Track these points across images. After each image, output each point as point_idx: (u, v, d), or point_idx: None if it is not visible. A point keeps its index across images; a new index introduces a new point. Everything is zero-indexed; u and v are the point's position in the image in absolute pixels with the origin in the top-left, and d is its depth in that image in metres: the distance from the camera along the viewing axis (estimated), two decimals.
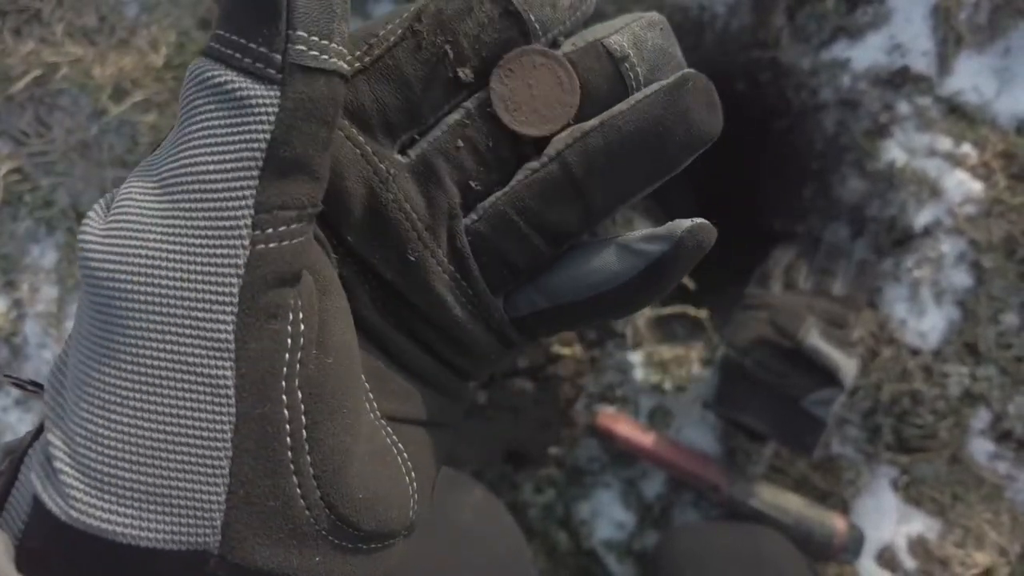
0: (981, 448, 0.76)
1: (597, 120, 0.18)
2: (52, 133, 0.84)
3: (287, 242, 0.15)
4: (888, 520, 0.76)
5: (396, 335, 0.18)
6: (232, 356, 0.14)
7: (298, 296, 0.15)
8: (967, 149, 0.76)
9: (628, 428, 0.74)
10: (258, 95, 0.14)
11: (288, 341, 0.15)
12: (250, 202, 0.14)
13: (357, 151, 0.17)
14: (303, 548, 0.15)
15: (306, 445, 0.15)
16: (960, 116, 0.77)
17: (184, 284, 0.14)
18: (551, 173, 0.18)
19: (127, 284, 0.14)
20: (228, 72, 0.15)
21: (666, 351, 0.77)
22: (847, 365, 0.67)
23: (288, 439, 0.15)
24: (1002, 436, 0.76)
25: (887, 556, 0.76)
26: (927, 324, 0.76)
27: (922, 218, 0.76)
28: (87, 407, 0.14)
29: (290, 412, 0.15)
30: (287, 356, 0.15)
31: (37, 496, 0.14)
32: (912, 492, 0.77)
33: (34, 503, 0.14)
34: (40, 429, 0.16)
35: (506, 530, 0.48)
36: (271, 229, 0.14)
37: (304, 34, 0.14)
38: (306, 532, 0.15)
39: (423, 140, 0.18)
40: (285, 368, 0.15)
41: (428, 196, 0.18)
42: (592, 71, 0.19)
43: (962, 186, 0.75)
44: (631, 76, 0.19)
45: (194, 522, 0.14)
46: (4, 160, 0.85)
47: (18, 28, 0.85)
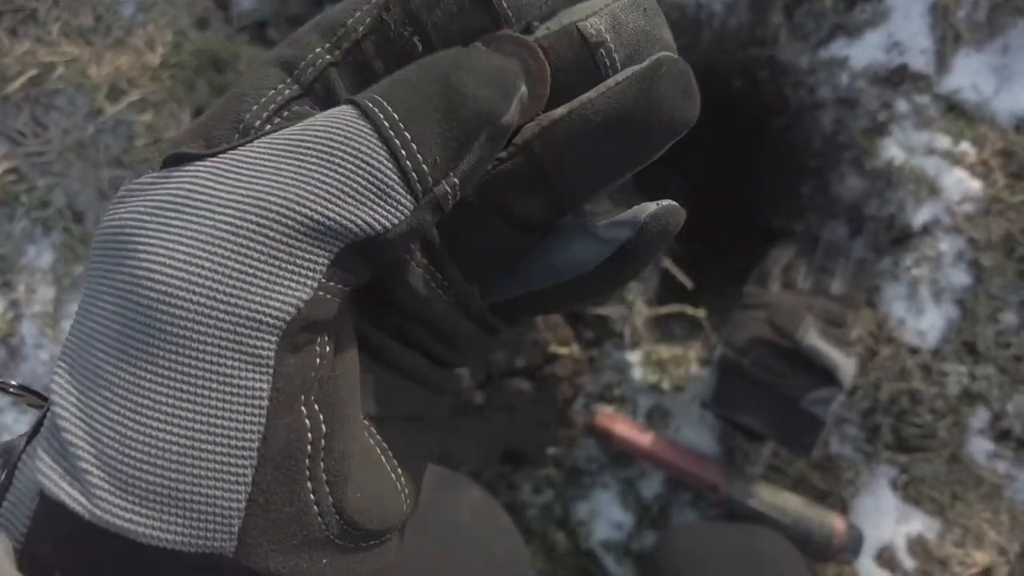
0: (980, 447, 0.76)
1: (565, 108, 0.18)
2: (48, 133, 0.84)
3: (338, 299, 0.15)
4: (887, 520, 0.76)
5: (374, 332, 0.18)
6: (271, 371, 0.14)
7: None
8: (966, 147, 0.76)
9: (626, 428, 0.74)
10: (392, 198, 0.15)
11: (318, 360, 0.15)
12: (329, 259, 0.15)
13: None
14: (312, 552, 0.16)
15: (321, 453, 0.15)
16: (959, 114, 0.77)
17: (239, 303, 0.14)
18: (518, 164, 0.18)
19: (181, 292, 0.14)
20: (379, 151, 0.15)
21: (664, 351, 0.77)
22: (846, 364, 0.67)
23: (308, 447, 0.15)
24: (1001, 435, 0.76)
25: (886, 556, 0.76)
26: (926, 323, 0.76)
27: (921, 216, 0.76)
28: (117, 408, 0.14)
29: (311, 422, 0.15)
30: (314, 372, 0.15)
31: (50, 494, 0.14)
32: (911, 491, 0.76)
33: (39, 505, 0.15)
34: (36, 429, 0.16)
35: (503, 530, 0.48)
36: (334, 284, 0.15)
37: (456, 182, 0.16)
38: (316, 537, 0.15)
39: None
40: (313, 380, 0.15)
41: None
42: (565, 58, 0.18)
43: (961, 184, 0.75)
44: (606, 64, 0.18)
45: (213, 527, 0.14)
46: (0, 160, 0.84)
47: (14, 28, 0.85)
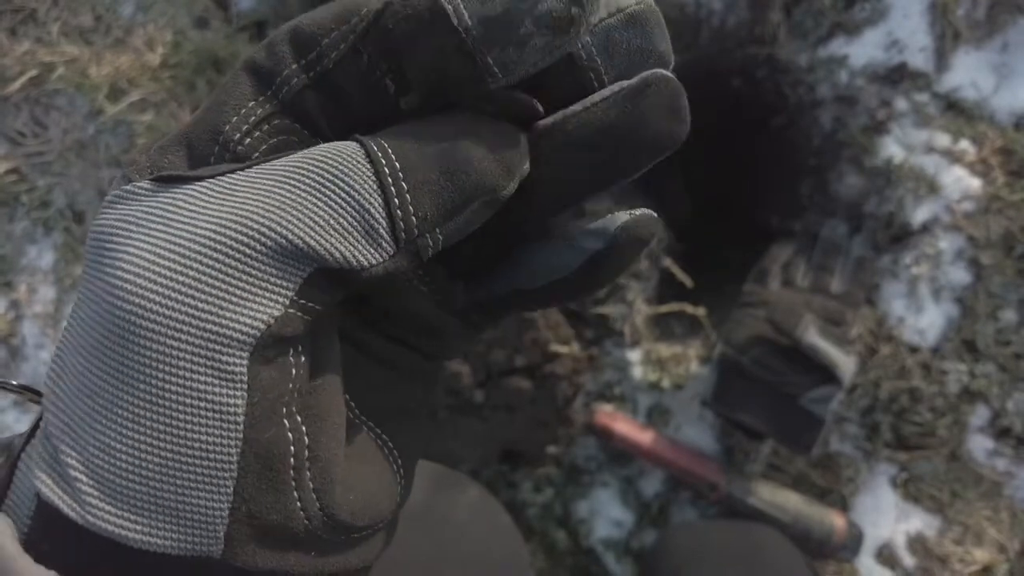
0: (980, 445, 0.76)
1: (550, 121, 0.17)
2: (48, 133, 0.84)
3: (309, 316, 0.15)
4: (887, 518, 0.76)
5: (363, 332, 0.18)
6: (245, 387, 0.15)
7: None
8: (965, 145, 0.76)
9: (626, 426, 0.74)
10: (375, 241, 0.15)
11: (293, 371, 0.15)
12: (301, 279, 0.15)
13: None
14: (300, 549, 0.16)
15: (307, 462, 0.16)
16: (958, 112, 0.77)
17: (211, 319, 0.14)
18: None
19: (155, 306, 0.14)
20: (373, 196, 0.15)
21: (664, 349, 0.77)
22: (845, 362, 0.67)
23: (292, 459, 0.15)
24: (1001, 433, 0.76)
25: (886, 554, 0.76)
26: (925, 321, 0.76)
27: (920, 215, 0.76)
28: (100, 420, 0.14)
29: (293, 434, 0.15)
30: (291, 384, 0.15)
31: (46, 499, 0.15)
32: (911, 489, 0.76)
33: (38, 505, 0.15)
34: (35, 427, 0.16)
35: (502, 529, 0.48)
36: (305, 303, 0.15)
37: (439, 240, 0.16)
38: (304, 539, 0.16)
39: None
40: (288, 395, 0.15)
41: None
42: (554, 80, 0.17)
43: (960, 182, 0.75)
44: (595, 85, 0.18)
45: (199, 532, 0.15)
46: (0, 161, 0.85)
47: (13, 28, 0.85)
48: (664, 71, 0.17)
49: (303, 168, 0.15)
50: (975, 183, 0.75)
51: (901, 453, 0.76)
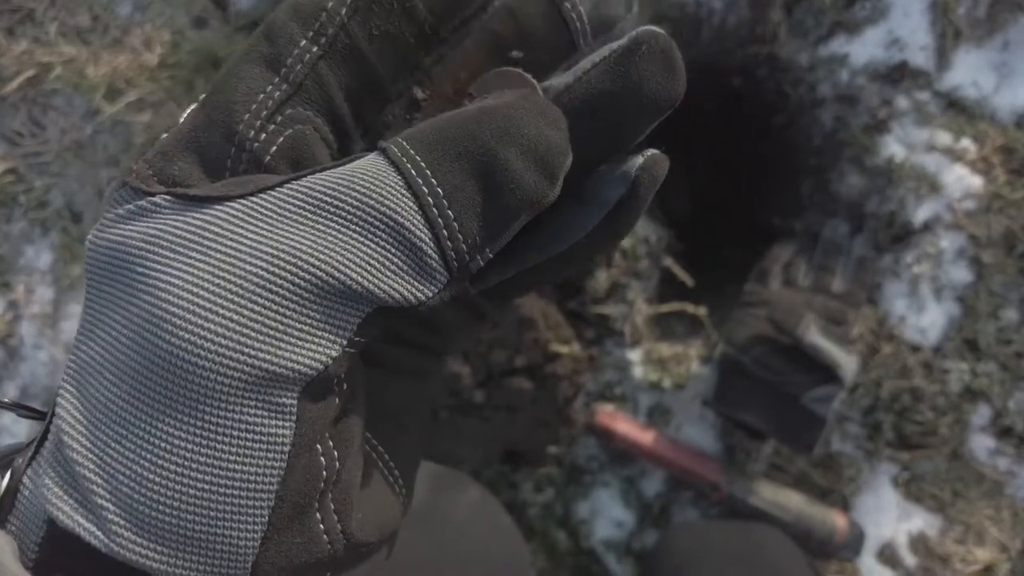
0: (981, 444, 0.76)
1: (550, 92, 0.17)
2: (46, 133, 0.84)
3: (359, 350, 0.15)
4: (888, 517, 0.76)
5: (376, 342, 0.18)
6: (294, 419, 0.14)
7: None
8: (966, 144, 0.76)
9: (627, 426, 0.74)
10: (430, 276, 0.15)
11: (336, 402, 0.15)
12: (360, 320, 0.15)
13: (328, 152, 0.17)
14: (318, 569, 0.16)
15: (332, 485, 0.16)
16: (959, 111, 0.77)
17: (268, 358, 0.14)
18: None
19: (208, 344, 0.14)
20: (422, 231, 0.15)
21: (665, 349, 0.77)
22: (847, 362, 0.67)
23: (322, 484, 0.15)
24: (1002, 432, 0.76)
25: (888, 553, 0.76)
26: (927, 320, 0.76)
27: (921, 214, 0.76)
28: (132, 447, 0.14)
29: (326, 459, 0.15)
30: (332, 413, 0.15)
31: (64, 525, 0.14)
32: (912, 489, 0.76)
33: (49, 531, 0.15)
34: (38, 445, 0.16)
35: (503, 529, 0.47)
36: (359, 340, 0.15)
37: (491, 255, 0.15)
38: (323, 560, 0.16)
39: (382, 121, 0.18)
40: (327, 424, 0.15)
41: None
42: (531, 16, 0.17)
43: (961, 181, 0.75)
44: (573, 17, 0.18)
45: (228, 563, 0.14)
46: None
47: (11, 28, 0.84)
48: (654, 28, 0.17)
49: (343, 199, 0.15)
50: (976, 182, 0.74)
51: (903, 452, 0.76)
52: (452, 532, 0.44)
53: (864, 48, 0.79)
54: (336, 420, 0.16)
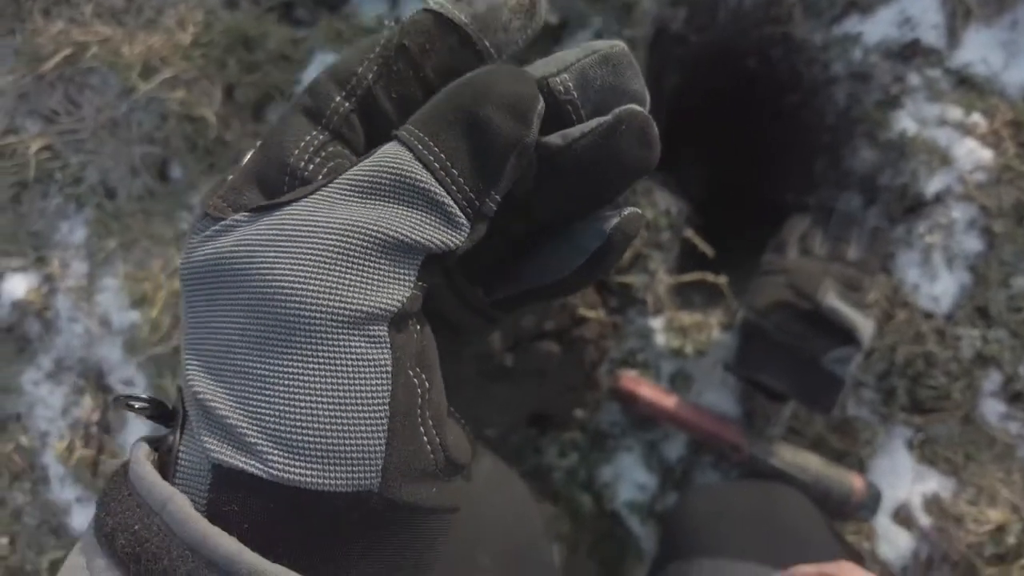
0: (993, 409, 0.79)
1: (541, 150, 0.21)
2: (82, 111, 0.86)
3: (422, 293, 0.19)
4: (903, 479, 0.78)
5: None
6: (388, 346, 0.18)
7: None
8: (976, 118, 0.78)
9: (650, 390, 0.76)
10: (457, 224, 0.19)
11: (415, 335, 0.19)
12: (418, 266, 0.19)
13: None
14: (427, 482, 0.19)
15: (428, 402, 0.19)
16: (969, 87, 0.80)
17: (361, 303, 0.18)
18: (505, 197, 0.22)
19: (313, 301, 0.18)
20: (440, 190, 0.19)
21: (686, 317, 0.79)
22: (864, 324, 0.69)
23: (419, 399, 0.19)
24: (1013, 397, 0.78)
25: (903, 514, 0.78)
26: (939, 288, 0.78)
27: (933, 185, 0.78)
28: (271, 393, 0.18)
29: (418, 379, 0.19)
30: (413, 338, 0.19)
31: (228, 466, 0.18)
32: (926, 452, 0.79)
33: (214, 477, 0.18)
34: (183, 418, 0.19)
35: (517, 499, 0.48)
36: (421, 283, 0.19)
37: (497, 197, 0.19)
38: (428, 470, 0.19)
39: None
40: (413, 347, 0.19)
41: None
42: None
43: (972, 154, 0.77)
44: (573, 118, 0.21)
45: (363, 469, 0.18)
46: (35, 138, 0.86)
47: (47, 9, 0.87)
48: (635, 106, 0.20)
49: (379, 179, 0.19)
50: (987, 154, 0.77)
51: (917, 417, 0.79)
52: (466, 501, 0.44)
53: (877, 27, 0.81)
54: (418, 353, 0.19)
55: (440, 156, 0.19)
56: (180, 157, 0.84)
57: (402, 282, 0.18)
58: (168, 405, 0.20)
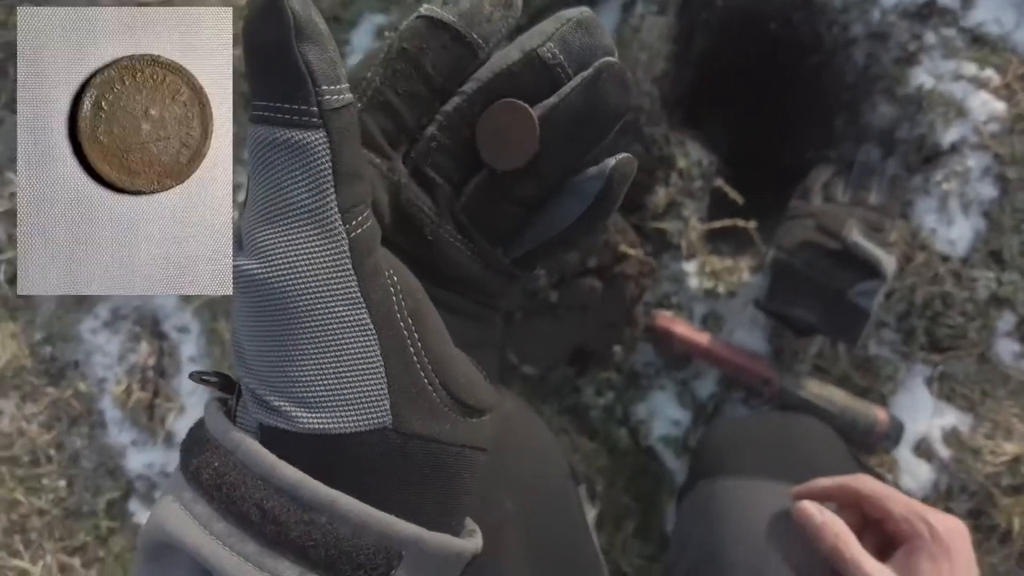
0: (1007, 348, 0.83)
1: (542, 112, 0.24)
2: None
3: (365, 225, 0.22)
4: (923, 414, 0.83)
5: (435, 290, 0.24)
6: (365, 305, 0.21)
7: (385, 260, 0.22)
8: (990, 73, 0.83)
9: (685, 328, 0.80)
10: (313, 139, 0.20)
11: (391, 288, 0.22)
12: (335, 210, 0.21)
13: (377, 170, 0.24)
14: (438, 418, 0.22)
15: (422, 350, 0.22)
16: (983, 44, 0.84)
17: (320, 276, 0.21)
18: None
19: (287, 295, 0.21)
20: (282, 130, 0.20)
21: (717, 262, 0.84)
22: (887, 260, 0.74)
23: (411, 348, 0.22)
24: None
25: (923, 447, 0.82)
26: (956, 233, 0.83)
27: (949, 136, 0.83)
28: (285, 368, 0.21)
29: (407, 331, 0.22)
30: (394, 298, 0.22)
31: (268, 425, 0.21)
32: (944, 388, 0.83)
33: (262, 433, 0.21)
34: (237, 394, 0.23)
35: (540, 441, 0.49)
36: (353, 220, 0.21)
37: (326, 87, 0.20)
38: (437, 408, 0.22)
39: (413, 151, 0.24)
40: (395, 305, 0.22)
41: (430, 191, 0.24)
42: (532, 79, 0.24)
43: (986, 106, 0.82)
44: (563, 77, 0.24)
45: (374, 410, 0.21)
46: None
47: None
48: (610, 58, 0.24)
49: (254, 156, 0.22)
50: (1000, 106, 0.82)
51: (935, 355, 0.83)
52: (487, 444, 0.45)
53: None
54: (407, 305, 0.22)
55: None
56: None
57: (333, 233, 0.21)
58: (233, 377, 0.24)
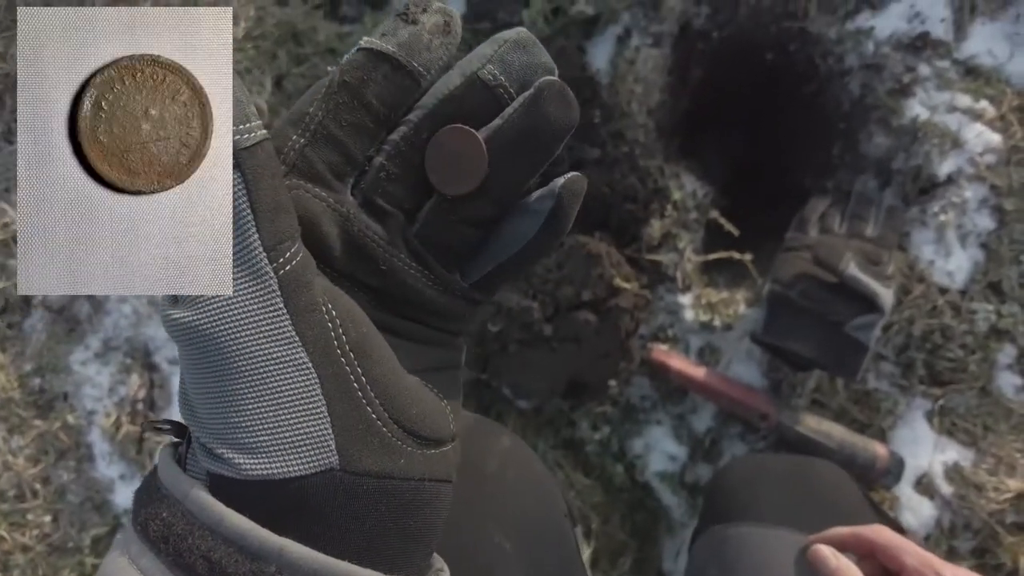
0: (1008, 382, 0.82)
1: (484, 135, 0.24)
2: None
3: (294, 260, 0.21)
4: (924, 449, 0.81)
5: (395, 320, 0.24)
6: (301, 344, 0.21)
7: (322, 294, 0.22)
8: (984, 105, 0.83)
9: (681, 362, 0.79)
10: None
11: (329, 324, 0.21)
12: (259, 249, 0.20)
13: (323, 204, 0.23)
14: (391, 453, 0.22)
15: (368, 385, 0.22)
16: (977, 76, 0.84)
17: (251, 319, 0.20)
18: None
19: (221, 341, 0.20)
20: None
21: (713, 294, 0.83)
22: (885, 293, 0.73)
23: (355, 384, 0.21)
24: None
25: (925, 482, 0.81)
26: (954, 264, 0.82)
27: (945, 167, 0.82)
28: (226, 414, 0.21)
29: (350, 367, 0.21)
30: (333, 332, 0.21)
31: (215, 472, 0.21)
32: (945, 423, 0.82)
33: (211, 482, 0.21)
34: (188, 440, 0.23)
35: (535, 478, 0.48)
36: (280, 258, 0.21)
37: (234, 127, 0.21)
38: (389, 443, 0.22)
39: (362, 182, 0.24)
40: (335, 340, 0.21)
41: (381, 221, 0.24)
42: (475, 101, 0.24)
43: (981, 137, 0.82)
44: (506, 98, 0.24)
45: (318, 451, 0.21)
46: None
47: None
48: (550, 77, 0.24)
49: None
50: (995, 138, 0.81)
51: (935, 388, 0.82)
52: (482, 481, 0.44)
53: (888, 21, 0.86)
54: (350, 340, 0.22)
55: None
56: None
57: (260, 273, 0.20)
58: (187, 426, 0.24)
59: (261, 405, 0.20)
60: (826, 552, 0.47)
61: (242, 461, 0.20)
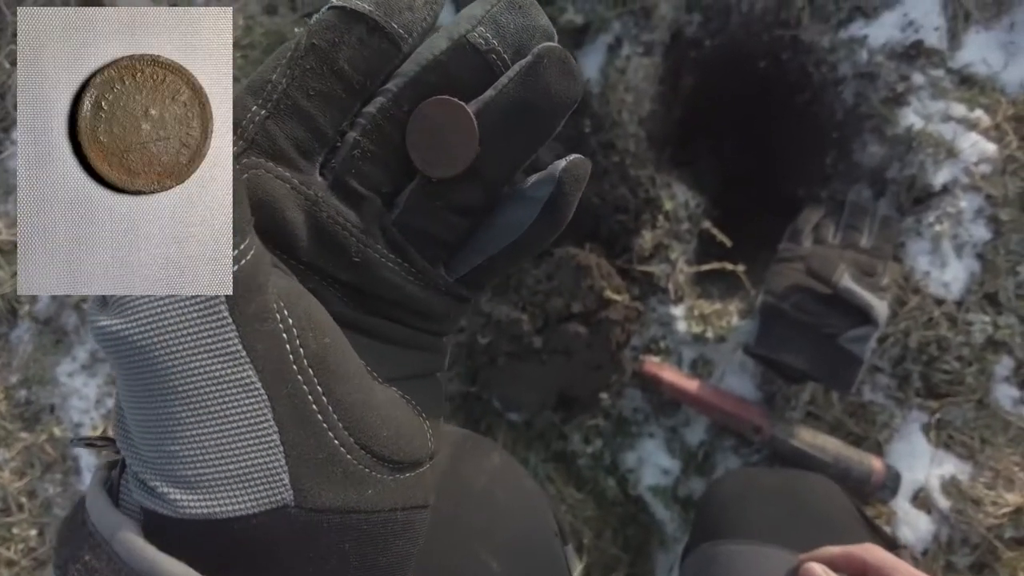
0: (1006, 394, 0.81)
1: (474, 108, 0.21)
2: None
3: (243, 259, 0.18)
4: (921, 463, 0.80)
5: (370, 319, 0.21)
6: (249, 360, 0.18)
7: (277, 299, 0.19)
8: (979, 114, 0.82)
9: (673, 374, 0.78)
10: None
11: (284, 335, 0.18)
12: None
13: (287, 186, 0.20)
14: (356, 483, 0.19)
15: (329, 407, 0.19)
16: (971, 85, 0.84)
17: (190, 329, 0.18)
18: None
19: (155, 355, 0.18)
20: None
21: (706, 306, 0.82)
22: (879, 305, 0.72)
23: (314, 405, 0.19)
24: None
25: (922, 496, 0.79)
26: (949, 275, 0.81)
27: (940, 177, 0.82)
28: (162, 442, 0.18)
29: (308, 386, 0.19)
30: (288, 345, 0.18)
31: (148, 508, 0.18)
32: (942, 436, 0.80)
33: (145, 517, 0.18)
34: (122, 465, 0.20)
35: (525, 496, 0.47)
36: (243, 264, 0.18)
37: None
38: (354, 472, 0.19)
39: (333, 161, 0.21)
40: (291, 355, 0.18)
41: (355, 206, 0.21)
42: (465, 69, 0.21)
43: (976, 146, 0.81)
44: (499, 66, 0.21)
45: (269, 486, 0.18)
46: None
47: None
48: (550, 43, 0.21)
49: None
50: (991, 147, 0.81)
51: (932, 401, 0.81)
52: (470, 498, 0.42)
53: (881, 30, 0.86)
54: (311, 354, 0.19)
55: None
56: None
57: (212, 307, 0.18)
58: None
59: (202, 432, 0.17)
60: (817, 571, 0.46)
61: (179, 497, 0.17)
